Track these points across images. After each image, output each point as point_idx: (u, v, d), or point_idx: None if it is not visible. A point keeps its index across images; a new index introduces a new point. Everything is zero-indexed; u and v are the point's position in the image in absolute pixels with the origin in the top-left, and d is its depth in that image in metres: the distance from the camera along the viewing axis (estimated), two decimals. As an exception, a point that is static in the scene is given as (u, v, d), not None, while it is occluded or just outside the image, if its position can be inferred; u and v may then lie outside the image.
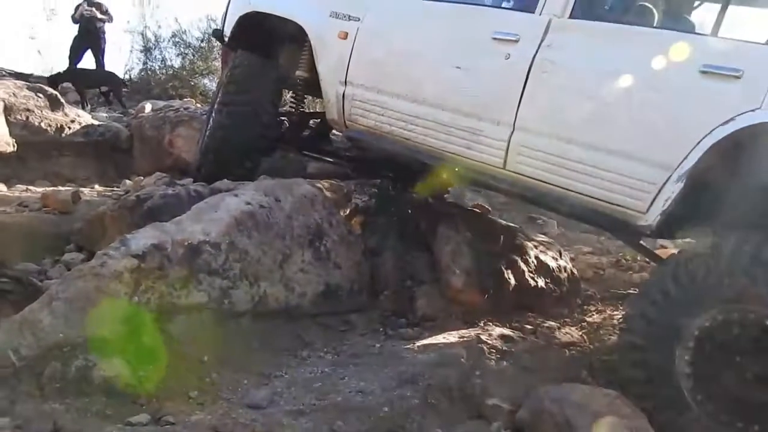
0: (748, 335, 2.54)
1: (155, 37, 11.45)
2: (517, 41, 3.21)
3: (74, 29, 10.40)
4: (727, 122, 2.59)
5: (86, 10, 10.22)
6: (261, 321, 3.25)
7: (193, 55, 10.92)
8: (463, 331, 3.55)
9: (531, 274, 4.18)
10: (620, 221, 2.96)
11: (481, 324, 3.69)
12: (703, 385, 2.63)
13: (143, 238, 2.97)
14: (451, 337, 3.42)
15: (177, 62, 11.03)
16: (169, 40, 11.38)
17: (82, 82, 9.40)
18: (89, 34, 10.35)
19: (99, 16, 10.30)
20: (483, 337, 3.39)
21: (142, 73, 11.19)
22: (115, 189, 4.93)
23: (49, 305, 2.65)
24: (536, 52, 3.13)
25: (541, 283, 4.20)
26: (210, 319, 3.05)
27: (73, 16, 10.36)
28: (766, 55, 2.64)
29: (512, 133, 3.20)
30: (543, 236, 5.05)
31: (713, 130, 2.62)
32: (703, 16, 3.29)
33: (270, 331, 3.27)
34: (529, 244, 4.42)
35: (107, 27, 10.60)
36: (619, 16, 3.31)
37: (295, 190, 3.72)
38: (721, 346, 2.59)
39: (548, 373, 3.12)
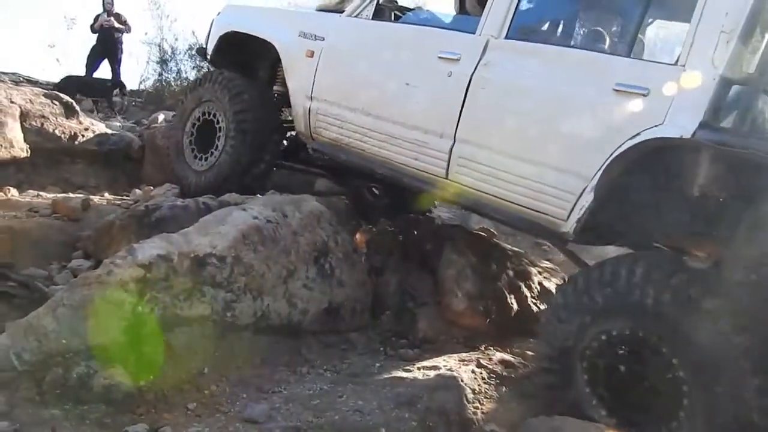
0: (634, 349, 2.76)
1: (172, 49, 11.59)
2: (458, 60, 3.44)
3: (93, 38, 10.56)
4: (634, 137, 2.79)
5: (105, 20, 10.38)
6: (262, 336, 3.27)
7: (208, 68, 11.05)
8: (464, 354, 3.55)
9: (534, 300, 4.18)
10: (546, 228, 3.17)
11: (482, 348, 3.69)
12: (598, 393, 2.87)
13: (150, 248, 3.00)
14: (451, 360, 3.42)
15: (192, 75, 11.14)
16: (185, 53, 11.53)
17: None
18: (107, 44, 10.49)
19: (117, 26, 10.45)
20: (483, 362, 3.39)
21: (157, 84, 11.32)
22: (125, 198, 4.97)
23: (53, 311, 2.68)
24: (474, 70, 3.37)
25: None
26: (212, 331, 3.06)
27: (92, 26, 10.50)
28: (670, 74, 2.79)
29: (453, 145, 3.41)
30: (547, 262, 5.05)
31: (623, 143, 2.81)
32: (621, 37, 3.46)
33: (271, 346, 3.28)
34: (533, 270, 4.42)
35: (125, 38, 10.75)
36: (549, 37, 3.55)
37: (302, 207, 3.75)
38: (610, 359, 2.83)
39: (547, 400, 3.11)
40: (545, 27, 3.63)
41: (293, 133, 4.77)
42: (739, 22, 2.64)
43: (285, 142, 4.73)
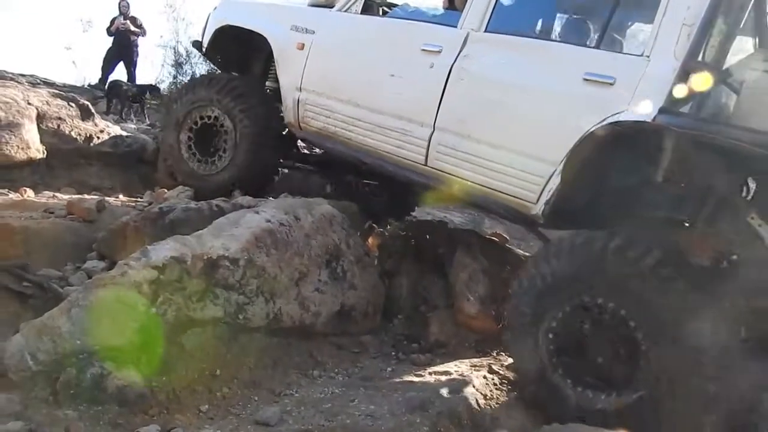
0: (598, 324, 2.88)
1: (186, 52, 11.69)
2: (440, 52, 3.61)
3: (109, 41, 10.65)
4: (599, 123, 2.93)
5: (121, 23, 10.48)
6: (274, 338, 3.27)
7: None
8: (475, 359, 3.54)
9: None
10: (518, 211, 3.37)
11: (494, 353, 3.68)
12: (564, 365, 2.98)
13: (164, 250, 3.01)
14: (462, 365, 3.41)
15: (207, 77, 11.23)
16: (200, 56, 11.60)
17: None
18: (123, 46, 10.59)
19: (133, 29, 10.56)
20: (495, 367, 3.38)
21: (172, 87, 11.40)
22: (139, 200, 4.99)
23: (68, 312, 2.69)
24: (454, 61, 3.54)
25: (556, 314, 4.16)
26: (224, 333, 3.07)
27: (108, 29, 10.61)
28: (634, 64, 2.96)
29: (432, 133, 3.59)
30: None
31: (588, 130, 2.96)
32: (592, 30, 3.56)
33: (283, 348, 3.29)
34: (546, 275, 4.39)
35: (141, 41, 10.85)
36: (526, 30, 3.67)
37: (315, 210, 3.76)
38: (575, 333, 2.95)
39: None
40: (523, 21, 3.77)
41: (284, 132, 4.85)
42: (699, 15, 2.80)
43: None
